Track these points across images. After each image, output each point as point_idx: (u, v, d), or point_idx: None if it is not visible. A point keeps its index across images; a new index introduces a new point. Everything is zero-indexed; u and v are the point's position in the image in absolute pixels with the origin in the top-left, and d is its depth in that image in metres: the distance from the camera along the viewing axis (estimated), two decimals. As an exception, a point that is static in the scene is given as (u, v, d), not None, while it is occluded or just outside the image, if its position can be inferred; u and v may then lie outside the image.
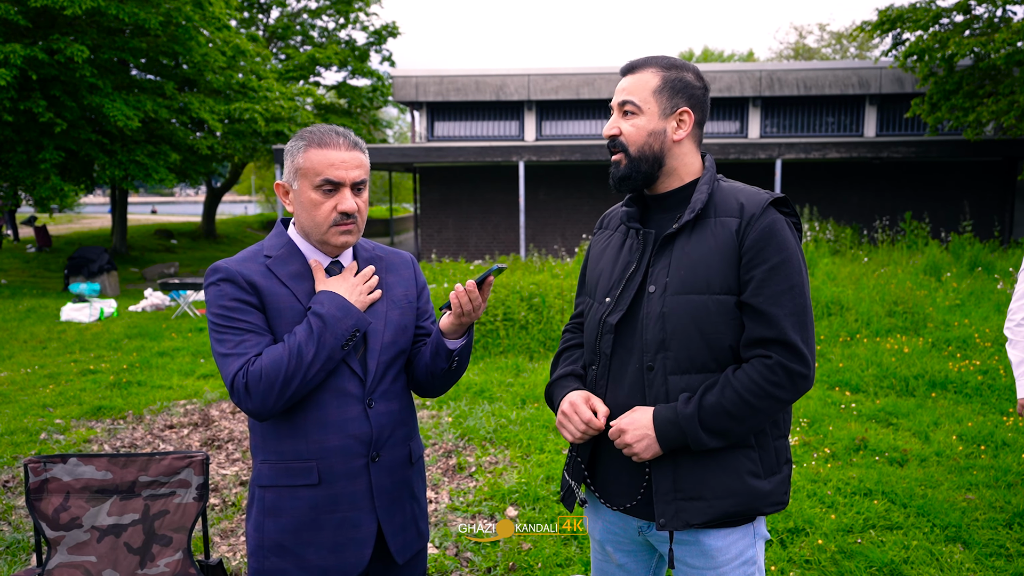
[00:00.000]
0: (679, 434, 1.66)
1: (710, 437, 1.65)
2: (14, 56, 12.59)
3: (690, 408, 1.66)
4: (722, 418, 1.65)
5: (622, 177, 1.80)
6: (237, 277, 1.79)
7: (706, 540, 1.75)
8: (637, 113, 1.77)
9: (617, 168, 1.81)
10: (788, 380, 1.65)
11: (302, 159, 1.80)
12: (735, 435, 1.68)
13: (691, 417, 1.65)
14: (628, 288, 1.79)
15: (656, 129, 1.77)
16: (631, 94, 1.78)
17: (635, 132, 1.77)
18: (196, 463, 2.66)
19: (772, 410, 1.67)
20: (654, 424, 1.67)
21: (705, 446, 1.66)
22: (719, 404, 1.64)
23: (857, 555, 3.47)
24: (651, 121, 1.77)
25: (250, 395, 1.70)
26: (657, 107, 1.77)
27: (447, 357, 1.89)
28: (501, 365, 7.38)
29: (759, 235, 1.68)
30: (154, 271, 18.01)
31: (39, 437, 5.50)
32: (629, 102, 1.78)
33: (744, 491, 1.70)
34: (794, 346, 1.65)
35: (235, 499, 4.35)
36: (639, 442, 1.68)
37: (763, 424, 1.71)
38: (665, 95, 1.77)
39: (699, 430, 1.65)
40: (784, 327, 1.65)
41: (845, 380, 6.46)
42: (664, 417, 1.67)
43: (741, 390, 1.64)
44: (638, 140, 1.77)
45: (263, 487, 1.85)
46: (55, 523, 2.60)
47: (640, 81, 1.78)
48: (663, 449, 1.68)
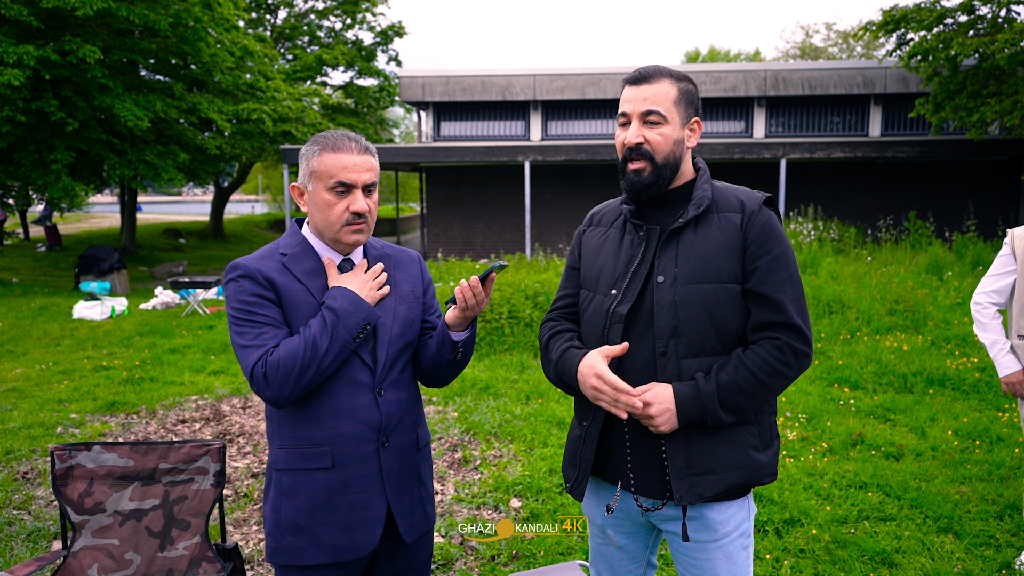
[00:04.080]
0: (699, 410, 1.78)
1: (726, 413, 1.79)
2: (27, 57, 12.78)
3: (711, 386, 1.79)
4: (737, 395, 1.79)
5: (648, 184, 1.87)
6: (256, 274, 1.91)
7: (709, 514, 1.88)
8: (662, 123, 1.86)
9: (640, 176, 1.87)
10: (795, 358, 1.81)
11: (316, 162, 1.92)
12: (746, 411, 1.82)
13: (712, 394, 1.78)
14: (635, 280, 1.90)
15: (679, 138, 1.89)
16: (656, 104, 1.85)
17: (662, 141, 1.86)
18: (214, 451, 2.79)
19: (779, 387, 1.82)
20: (675, 399, 1.79)
21: (721, 421, 1.80)
22: (734, 382, 1.78)
23: (850, 545, 3.58)
24: (675, 130, 1.88)
25: (268, 384, 1.83)
26: (679, 117, 1.88)
27: (452, 348, 2.01)
28: (506, 362, 7.50)
29: (761, 229, 1.84)
30: (163, 270, 18.17)
31: (55, 431, 5.64)
32: (655, 112, 1.85)
33: (748, 463, 1.85)
34: (798, 328, 1.81)
35: (247, 490, 4.48)
36: (661, 415, 1.79)
37: (769, 400, 1.87)
38: (682, 105, 1.89)
39: (718, 406, 1.78)
40: (789, 311, 1.80)
41: (844, 377, 6.55)
42: (685, 394, 1.79)
43: (754, 368, 1.79)
44: (664, 148, 1.87)
45: (280, 471, 1.97)
46: (80, 508, 2.73)
47: (661, 92, 1.87)
48: (680, 423, 1.80)
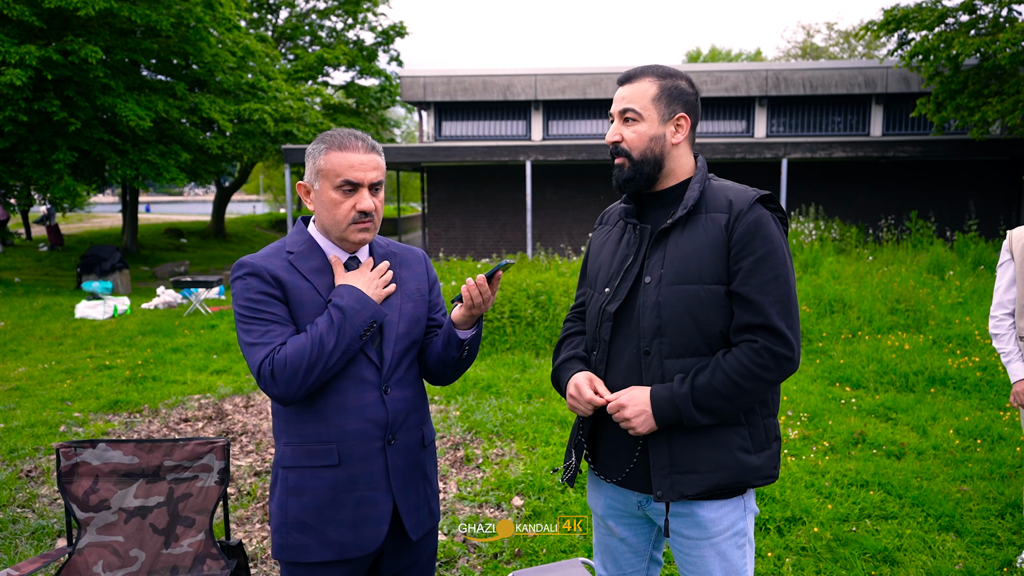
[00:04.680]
0: (674, 411, 1.80)
1: (702, 415, 1.79)
2: (29, 57, 12.80)
3: (684, 388, 1.80)
4: (713, 397, 1.79)
5: (626, 179, 1.94)
6: (262, 272, 1.92)
7: (700, 512, 1.88)
8: (638, 120, 1.90)
9: (621, 171, 1.94)
10: (774, 362, 1.79)
11: (323, 161, 1.92)
12: (725, 413, 1.82)
13: (685, 396, 1.79)
14: (626, 279, 1.93)
15: (656, 134, 1.90)
16: (631, 102, 1.91)
17: (637, 138, 1.91)
18: (218, 448, 2.80)
19: (759, 390, 1.81)
20: (651, 401, 1.81)
21: (697, 423, 1.80)
22: (710, 384, 1.78)
23: (852, 542, 3.59)
24: (652, 127, 1.90)
25: (276, 381, 1.83)
26: (657, 114, 1.90)
27: (459, 346, 2.02)
28: (508, 361, 7.51)
29: (746, 229, 1.82)
30: (165, 269, 18.20)
31: (58, 430, 5.66)
32: (630, 110, 1.90)
33: (735, 465, 1.84)
34: (779, 331, 1.79)
35: (250, 488, 4.50)
36: (637, 417, 1.82)
37: (752, 403, 1.85)
38: (663, 102, 1.90)
39: (692, 408, 1.79)
40: (770, 314, 1.79)
41: (846, 376, 6.56)
42: (660, 395, 1.81)
43: (730, 372, 1.78)
44: (640, 145, 1.91)
45: (286, 468, 1.97)
46: (85, 505, 2.74)
47: (639, 90, 1.91)
48: (658, 425, 1.82)
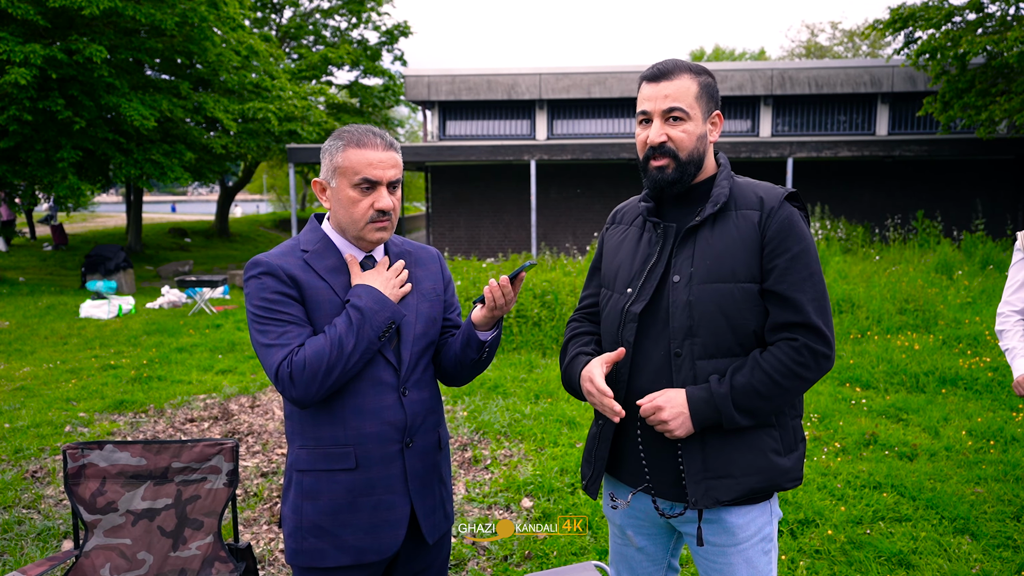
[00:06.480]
0: (713, 413, 1.74)
1: (741, 415, 1.75)
2: (34, 56, 12.79)
3: (723, 388, 1.75)
4: (752, 397, 1.74)
5: (672, 181, 1.84)
6: (278, 271, 1.87)
7: (728, 518, 1.84)
8: (685, 119, 1.82)
9: (663, 173, 1.84)
10: (813, 360, 1.75)
11: (341, 158, 1.87)
12: (763, 414, 1.78)
13: (725, 396, 1.74)
14: (650, 279, 1.87)
15: (702, 133, 1.85)
16: (677, 100, 1.81)
17: (686, 138, 1.82)
18: (227, 450, 2.76)
19: (798, 389, 1.77)
20: (688, 403, 1.75)
21: (737, 424, 1.75)
22: (749, 384, 1.74)
23: (866, 545, 3.54)
24: (698, 126, 1.84)
25: (294, 384, 1.79)
26: (701, 112, 1.84)
27: (478, 348, 1.98)
28: (515, 361, 7.47)
29: (780, 227, 1.78)
30: (169, 269, 18.21)
31: (64, 430, 5.63)
32: (678, 108, 1.81)
33: (768, 468, 1.80)
34: (818, 328, 1.75)
35: (256, 489, 4.46)
36: (675, 419, 1.75)
37: (788, 403, 1.81)
38: (703, 100, 1.84)
39: (732, 408, 1.74)
40: (808, 311, 1.75)
41: (856, 376, 6.51)
42: (698, 397, 1.75)
43: (770, 371, 1.74)
44: (688, 145, 1.83)
45: (301, 471, 1.93)
46: (92, 507, 2.70)
47: (682, 88, 1.82)
48: (695, 427, 1.76)
